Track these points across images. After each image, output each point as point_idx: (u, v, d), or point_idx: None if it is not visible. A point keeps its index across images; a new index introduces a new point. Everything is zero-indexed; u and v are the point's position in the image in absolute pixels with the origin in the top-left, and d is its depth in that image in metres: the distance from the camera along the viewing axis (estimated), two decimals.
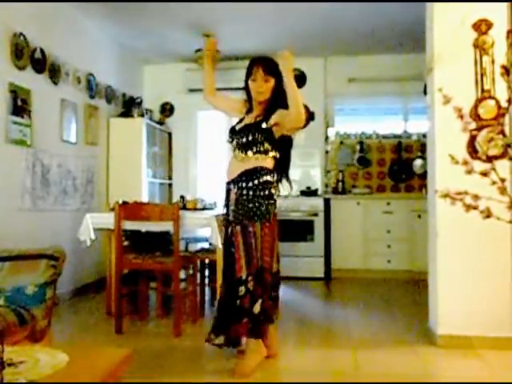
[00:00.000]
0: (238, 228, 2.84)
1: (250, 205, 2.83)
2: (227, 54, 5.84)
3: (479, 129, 3.01)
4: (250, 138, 2.86)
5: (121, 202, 3.64)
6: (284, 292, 5.29)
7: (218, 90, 3.26)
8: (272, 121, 2.86)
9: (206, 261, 4.42)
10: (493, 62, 3.03)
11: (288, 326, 3.83)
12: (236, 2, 4.63)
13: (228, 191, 2.96)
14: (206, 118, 6.84)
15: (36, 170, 4.26)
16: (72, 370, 1.53)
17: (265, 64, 2.87)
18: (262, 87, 2.85)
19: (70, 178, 4.83)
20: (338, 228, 5.99)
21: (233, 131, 2.99)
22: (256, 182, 2.84)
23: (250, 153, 2.87)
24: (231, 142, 2.98)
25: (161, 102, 6.76)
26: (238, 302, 2.81)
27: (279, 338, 3.17)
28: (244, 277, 2.81)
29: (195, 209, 4.32)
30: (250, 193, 2.84)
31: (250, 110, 3.03)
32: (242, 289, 2.80)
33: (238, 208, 2.86)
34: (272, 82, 2.85)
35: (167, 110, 6.76)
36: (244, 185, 2.85)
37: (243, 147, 2.88)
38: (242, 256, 2.82)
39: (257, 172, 2.85)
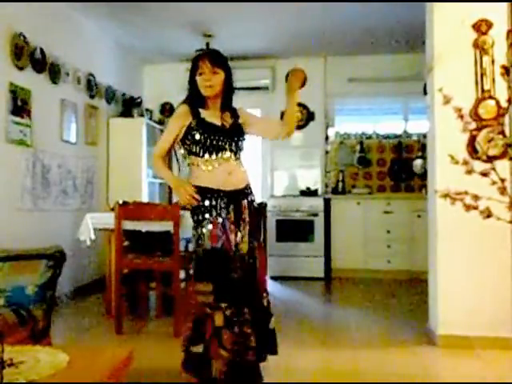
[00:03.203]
0: (256, 244, 2.65)
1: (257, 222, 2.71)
2: (227, 55, 5.83)
3: (479, 129, 2.99)
4: (242, 143, 2.63)
5: (121, 202, 3.64)
6: (284, 292, 5.31)
7: None
8: (241, 121, 2.68)
9: None
10: (493, 62, 3.02)
11: (288, 326, 3.83)
12: (236, 2, 4.63)
13: (233, 199, 2.54)
14: None
15: (36, 170, 4.26)
16: (72, 370, 1.53)
17: (212, 56, 2.61)
18: (211, 80, 2.54)
19: (70, 178, 4.82)
20: (338, 228, 5.99)
21: (216, 128, 2.55)
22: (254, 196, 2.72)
23: (240, 159, 2.63)
24: (218, 142, 2.52)
25: (161, 101, 6.76)
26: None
27: (279, 337, 3.15)
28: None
29: None
30: (253, 209, 2.65)
31: (201, 106, 2.60)
32: (265, 301, 2.64)
33: (253, 225, 2.62)
34: (222, 74, 2.57)
35: (167, 109, 6.75)
36: (252, 198, 2.64)
37: (237, 151, 2.60)
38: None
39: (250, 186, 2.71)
